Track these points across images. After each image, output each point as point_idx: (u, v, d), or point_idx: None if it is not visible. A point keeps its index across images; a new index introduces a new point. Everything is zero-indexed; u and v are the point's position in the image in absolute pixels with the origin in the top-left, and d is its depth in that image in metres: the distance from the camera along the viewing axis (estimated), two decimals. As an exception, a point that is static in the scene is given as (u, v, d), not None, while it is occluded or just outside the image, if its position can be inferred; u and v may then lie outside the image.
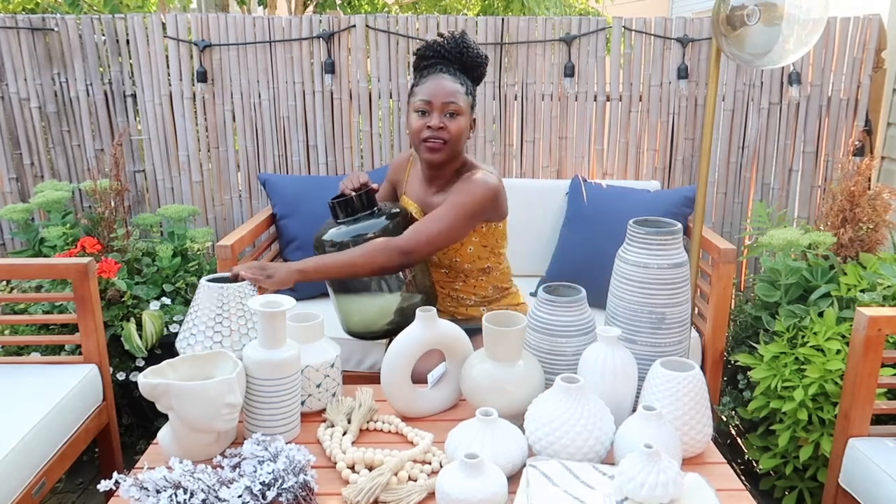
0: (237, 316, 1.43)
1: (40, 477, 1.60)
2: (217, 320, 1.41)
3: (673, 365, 1.34)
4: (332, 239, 1.69)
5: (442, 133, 1.71)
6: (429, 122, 1.70)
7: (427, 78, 1.73)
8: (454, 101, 1.70)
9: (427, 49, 1.77)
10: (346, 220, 1.72)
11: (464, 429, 1.26)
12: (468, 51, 1.76)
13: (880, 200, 2.27)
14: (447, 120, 1.71)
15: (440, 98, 1.70)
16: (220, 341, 1.40)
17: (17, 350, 2.12)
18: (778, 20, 1.80)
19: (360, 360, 2.19)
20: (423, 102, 1.71)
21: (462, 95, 1.72)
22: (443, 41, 1.77)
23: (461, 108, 1.72)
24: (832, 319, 1.85)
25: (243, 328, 1.43)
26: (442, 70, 1.74)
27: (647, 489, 1.08)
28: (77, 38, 2.71)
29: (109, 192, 2.46)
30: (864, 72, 2.67)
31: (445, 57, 1.76)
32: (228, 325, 1.42)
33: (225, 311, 1.42)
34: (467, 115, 1.74)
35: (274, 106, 2.78)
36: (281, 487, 1.13)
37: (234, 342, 1.41)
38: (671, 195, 2.46)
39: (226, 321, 1.42)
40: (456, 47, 1.76)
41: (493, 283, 1.88)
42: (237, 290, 1.44)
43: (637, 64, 2.73)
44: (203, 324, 1.41)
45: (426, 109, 1.71)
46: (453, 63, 1.77)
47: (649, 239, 1.42)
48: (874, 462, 1.52)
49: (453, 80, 1.73)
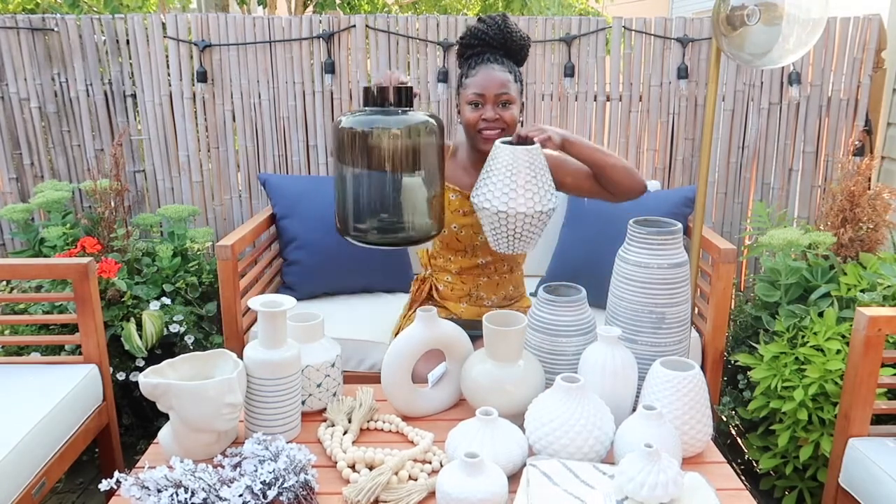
0: (529, 175, 1.55)
1: (40, 477, 1.60)
2: (512, 178, 1.53)
3: (673, 365, 1.34)
4: (353, 126, 1.46)
5: (498, 123, 1.73)
6: (483, 115, 1.73)
7: (477, 69, 1.74)
8: (506, 91, 1.72)
9: (471, 37, 1.77)
10: (375, 109, 1.49)
11: (464, 428, 1.26)
12: (512, 35, 1.76)
13: (880, 200, 2.27)
14: (501, 110, 1.73)
15: (492, 90, 1.71)
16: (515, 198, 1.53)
17: (17, 350, 2.12)
18: (778, 20, 1.80)
19: (361, 360, 2.19)
20: (476, 95, 1.72)
21: (512, 84, 1.74)
22: (486, 28, 1.76)
23: (513, 97, 1.73)
24: (832, 319, 1.85)
25: (532, 185, 1.54)
26: (489, 59, 1.75)
27: (647, 489, 1.08)
28: (77, 38, 2.71)
29: (109, 192, 2.46)
30: (864, 72, 2.67)
31: (490, 44, 1.76)
32: (517, 182, 1.54)
33: (520, 170, 1.54)
34: (518, 102, 1.77)
35: (274, 106, 2.78)
36: (282, 487, 1.13)
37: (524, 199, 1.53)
38: (671, 195, 2.46)
39: (520, 179, 1.54)
40: (500, 34, 1.75)
41: (514, 282, 1.92)
42: (527, 153, 1.55)
43: (637, 64, 2.73)
44: (500, 181, 1.54)
45: (479, 102, 1.73)
46: (498, 49, 1.77)
47: (649, 239, 1.42)
48: (874, 462, 1.52)
49: (502, 69, 1.74)
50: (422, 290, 1.98)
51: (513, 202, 1.53)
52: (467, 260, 1.88)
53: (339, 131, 1.50)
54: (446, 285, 1.92)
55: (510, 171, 1.55)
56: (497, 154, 1.58)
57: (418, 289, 1.99)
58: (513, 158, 1.55)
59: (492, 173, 1.57)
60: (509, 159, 1.55)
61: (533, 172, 1.55)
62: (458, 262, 1.89)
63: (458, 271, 1.90)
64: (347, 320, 2.25)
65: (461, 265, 1.89)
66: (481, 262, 1.88)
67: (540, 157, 1.58)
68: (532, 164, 1.55)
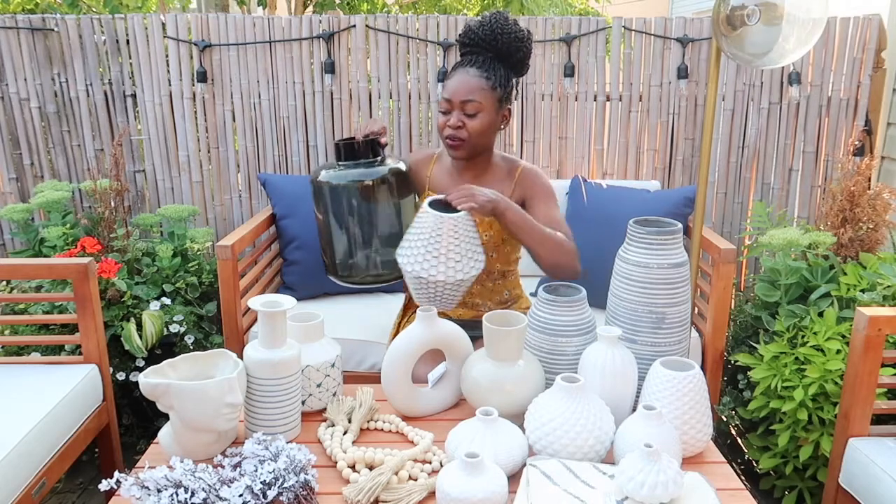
0: (453, 244, 1.50)
1: (40, 477, 1.60)
2: (436, 246, 1.49)
3: (673, 365, 1.34)
4: (330, 181, 1.68)
5: (460, 132, 1.68)
6: (448, 121, 1.69)
7: (453, 73, 1.70)
8: (472, 98, 1.66)
9: (463, 37, 1.71)
10: (347, 164, 1.70)
11: (464, 428, 1.26)
12: (503, 36, 1.66)
13: (880, 200, 2.27)
14: (466, 119, 1.68)
15: (458, 97, 1.67)
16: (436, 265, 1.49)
17: (17, 350, 2.12)
18: (778, 20, 1.80)
19: (361, 360, 2.19)
20: (445, 101, 1.69)
21: (485, 91, 1.66)
22: (478, 27, 1.68)
23: (481, 105, 1.67)
24: (832, 319, 1.85)
25: (454, 254, 1.50)
26: (471, 63, 1.68)
27: (647, 489, 1.08)
28: (77, 38, 2.71)
29: (109, 192, 2.46)
30: (864, 72, 2.67)
31: (479, 45, 1.69)
32: (439, 250, 1.49)
33: (444, 239, 1.49)
34: (491, 110, 1.68)
35: (274, 106, 2.78)
36: (282, 487, 1.13)
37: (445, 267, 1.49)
38: (671, 195, 2.46)
39: (442, 247, 1.49)
40: (490, 34, 1.66)
41: (509, 287, 1.88)
42: (454, 222, 1.50)
43: (637, 64, 2.73)
44: (422, 246, 1.50)
45: (447, 108, 1.70)
46: (487, 51, 1.69)
47: (649, 239, 1.42)
48: (874, 462, 1.52)
49: (479, 73, 1.66)
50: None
51: (433, 269, 1.48)
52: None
53: (317, 185, 1.72)
54: None
55: (433, 238, 1.49)
56: (423, 217, 1.52)
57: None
58: (436, 224, 1.49)
59: (415, 234, 1.52)
60: (433, 225, 1.49)
61: (457, 241, 1.49)
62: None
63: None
64: (347, 320, 2.26)
65: None
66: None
67: (467, 224, 1.52)
68: (456, 232, 1.49)
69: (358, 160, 1.70)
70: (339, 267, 1.78)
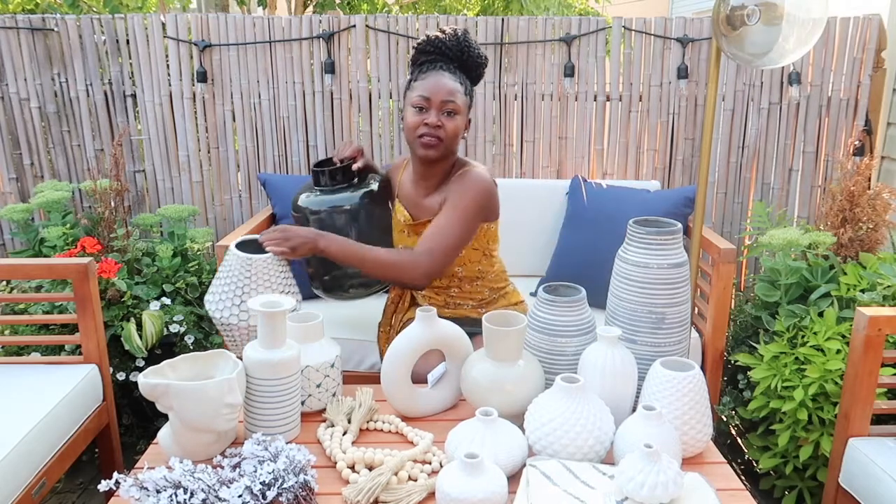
0: (263, 286, 1.46)
1: (40, 477, 1.60)
2: (244, 290, 1.45)
3: (673, 365, 1.34)
4: (310, 207, 1.80)
5: (439, 131, 1.69)
6: (426, 119, 1.69)
7: (427, 74, 1.71)
8: (453, 99, 1.69)
9: (428, 44, 1.74)
10: (326, 189, 1.82)
11: (464, 429, 1.26)
12: (470, 50, 1.74)
13: (880, 200, 2.27)
14: (445, 118, 1.70)
15: (440, 96, 1.68)
16: (246, 309, 1.45)
17: (17, 350, 2.12)
18: (778, 20, 1.80)
19: (360, 360, 2.19)
20: (422, 98, 1.69)
21: (461, 95, 1.71)
22: (445, 38, 1.73)
23: (459, 107, 1.70)
24: (832, 319, 1.85)
25: (247, 296, 1.46)
26: (442, 68, 1.72)
27: (647, 489, 1.08)
28: (77, 38, 2.71)
29: (109, 192, 2.46)
30: (864, 72, 2.67)
31: (446, 54, 1.74)
32: (253, 294, 1.45)
33: (252, 282, 1.46)
34: (464, 115, 1.73)
35: (274, 106, 2.78)
36: (281, 487, 1.13)
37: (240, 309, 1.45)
38: (671, 195, 2.46)
39: (252, 291, 1.46)
40: (458, 45, 1.73)
41: (489, 285, 1.87)
42: (264, 263, 1.47)
43: (637, 64, 2.73)
44: (231, 291, 1.45)
45: (424, 106, 1.69)
46: (453, 61, 1.74)
47: (649, 239, 1.42)
48: (874, 462, 1.52)
49: (453, 78, 1.71)
50: (404, 299, 1.96)
51: (227, 311, 1.45)
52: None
53: (297, 210, 1.82)
54: (423, 297, 1.91)
55: (232, 278, 1.45)
56: (227, 257, 1.49)
57: (399, 295, 1.97)
58: (236, 265, 1.44)
59: (223, 278, 1.48)
60: (234, 265, 1.45)
61: (253, 284, 1.45)
62: None
63: (429, 286, 1.87)
64: (347, 320, 2.26)
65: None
66: (442, 282, 1.85)
67: (270, 267, 1.48)
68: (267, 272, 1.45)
69: (335, 184, 1.82)
70: (324, 283, 1.88)
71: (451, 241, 1.66)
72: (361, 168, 1.86)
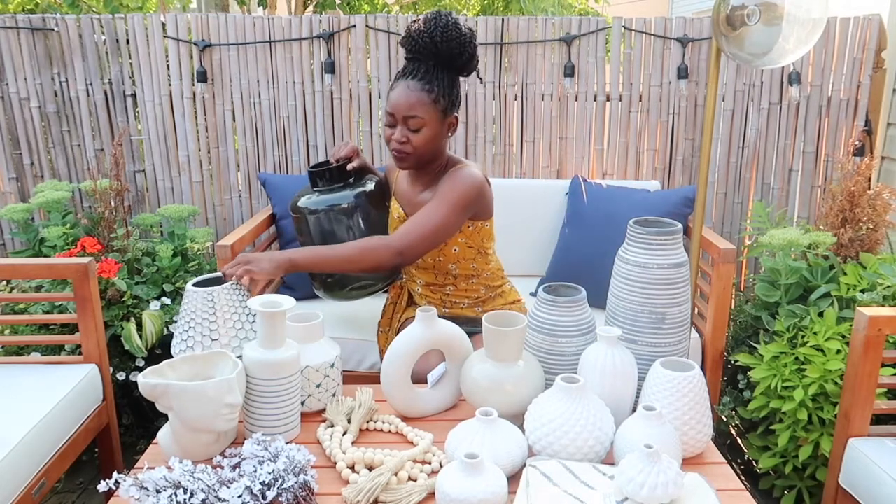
0: (231, 318, 1.41)
1: (40, 477, 1.60)
2: (211, 326, 1.38)
3: (673, 365, 1.34)
4: (308, 207, 1.84)
5: (405, 146, 1.66)
6: (393, 135, 1.66)
7: (396, 84, 1.66)
8: (415, 114, 1.62)
9: (404, 41, 1.65)
10: (323, 189, 1.85)
11: (464, 429, 1.26)
12: (443, 42, 1.60)
13: (880, 200, 2.27)
14: (410, 133, 1.65)
15: (401, 111, 1.63)
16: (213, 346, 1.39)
17: (17, 350, 2.12)
18: (778, 20, 1.80)
19: (360, 360, 2.19)
20: (388, 114, 1.66)
21: (427, 105, 1.62)
22: (417, 34, 1.61)
23: (424, 120, 1.63)
24: (832, 319, 1.85)
25: (238, 329, 1.42)
26: (413, 74, 1.64)
27: (647, 489, 1.08)
28: (77, 38, 2.71)
29: (109, 192, 2.46)
30: (864, 72, 2.67)
31: (420, 52, 1.63)
32: (221, 328, 1.39)
33: (218, 315, 1.39)
34: (434, 123, 1.65)
35: (274, 106, 2.78)
36: (281, 487, 1.13)
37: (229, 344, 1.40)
38: (671, 195, 2.46)
39: (220, 325, 1.39)
40: (429, 41, 1.60)
41: (485, 283, 1.87)
42: (226, 293, 1.40)
43: (637, 64, 2.73)
44: (196, 330, 1.38)
45: (390, 122, 1.67)
46: (429, 58, 1.64)
47: (649, 239, 1.42)
48: (874, 462, 1.52)
49: (420, 85, 1.62)
50: (402, 298, 1.97)
51: (190, 351, 1.37)
52: (429, 275, 1.85)
53: (296, 211, 1.85)
54: (419, 296, 1.92)
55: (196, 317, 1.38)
56: (185, 299, 1.42)
57: (398, 295, 1.99)
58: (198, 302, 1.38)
59: (185, 319, 1.41)
60: (195, 303, 1.38)
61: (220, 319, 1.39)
62: (421, 276, 1.87)
63: (424, 284, 1.87)
64: (347, 320, 2.26)
65: (425, 279, 1.86)
66: (434, 273, 1.84)
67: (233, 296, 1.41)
68: (215, 308, 1.38)
69: (332, 184, 1.85)
70: (324, 283, 1.90)
71: (427, 228, 1.62)
72: (357, 168, 1.87)
